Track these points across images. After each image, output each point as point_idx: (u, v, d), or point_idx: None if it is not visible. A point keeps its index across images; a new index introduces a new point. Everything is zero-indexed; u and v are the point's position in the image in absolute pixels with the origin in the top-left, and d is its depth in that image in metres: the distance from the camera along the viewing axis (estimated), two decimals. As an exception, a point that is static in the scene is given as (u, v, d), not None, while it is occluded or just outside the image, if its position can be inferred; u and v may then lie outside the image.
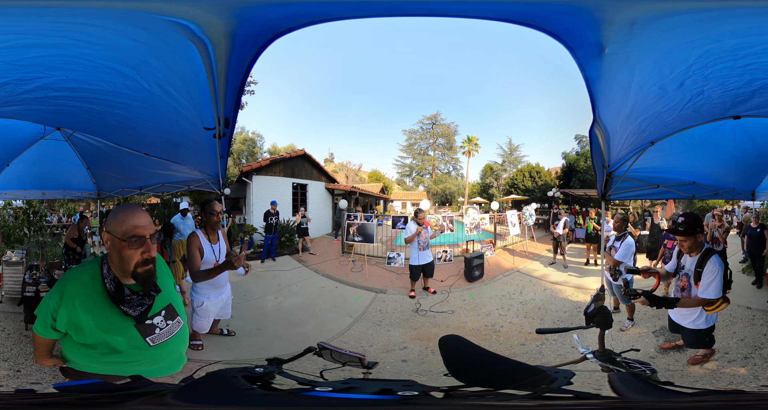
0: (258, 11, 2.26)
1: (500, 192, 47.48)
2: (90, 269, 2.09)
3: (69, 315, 1.98)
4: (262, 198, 16.03)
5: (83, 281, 2.05)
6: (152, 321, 2.15)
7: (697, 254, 3.96)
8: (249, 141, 39.71)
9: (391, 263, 10.60)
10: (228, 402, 1.20)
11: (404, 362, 5.24)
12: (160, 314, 2.20)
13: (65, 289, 2.02)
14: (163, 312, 2.22)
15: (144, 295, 2.09)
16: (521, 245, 15.22)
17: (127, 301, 2.04)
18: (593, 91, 3.08)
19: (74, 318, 1.98)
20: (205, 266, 4.59)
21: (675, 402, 1.22)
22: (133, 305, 2.06)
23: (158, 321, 2.18)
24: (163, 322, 2.20)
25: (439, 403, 1.16)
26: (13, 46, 2.31)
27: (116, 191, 8.03)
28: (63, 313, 1.98)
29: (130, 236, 1.98)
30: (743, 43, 2.31)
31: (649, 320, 6.31)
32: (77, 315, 1.98)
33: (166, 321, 2.21)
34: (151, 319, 2.14)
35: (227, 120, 3.58)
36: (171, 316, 2.25)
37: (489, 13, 2.33)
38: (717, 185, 6.49)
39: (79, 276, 2.07)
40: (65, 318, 1.98)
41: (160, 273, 2.25)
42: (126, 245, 1.98)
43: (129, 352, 2.07)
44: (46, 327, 2.05)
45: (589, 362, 2.35)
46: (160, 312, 2.20)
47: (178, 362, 2.34)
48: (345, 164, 54.31)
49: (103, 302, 2.02)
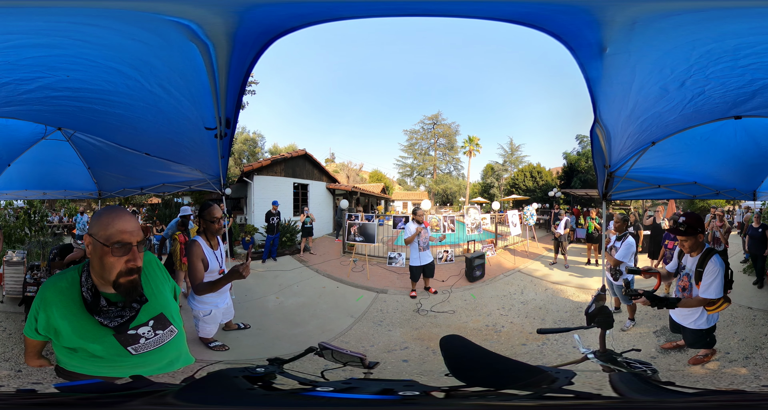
0: (259, 11, 2.26)
1: (501, 192, 47.47)
2: (69, 276, 1.94)
3: (47, 319, 1.89)
4: (263, 198, 16.04)
5: (61, 287, 1.91)
6: (136, 330, 1.97)
7: (698, 254, 3.95)
8: (250, 141, 39.71)
9: (392, 263, 10.60)
10: (229, 402, 1.20)
11: (405, 362, 5.24)
12: (147, 324, 2.01)
13: (44, 295, 1.91)
14: (151, 322, 2.03)
15: (124, 307, 1.91)
16: (522, 245, 15.20)
17: (104, 312, 1.87)
18: (594, 91, 3.08)
19: (52, 322, 1.88)
20: (210, 274, 4.42)
21: (676, 402, 1.22)
22: (110, 317, 1.88)
23: (144, 331, 2.00)
24: (150, 332, 2.02)
25: (440, 403, 1.16)
26: (14, 46, 2.31)
27: (117, 191, 8.04)
28: (42, 318, 1.89)
29: (114, 242, 1.81)
30: (744, 43, 2.31)
31: (650, 320, 6.31)
32: (55, 320, 1.88)
33: (155, 331, 2.04)
34: (135, 329, 1.97)
35: (228, 120, 3.58)
36: (161, 326, 2.07)
37: (490, 14, 2.33)
38: (718, 185, 6.48)
39: (58, 283, 1.93)
40: (44, 322, 1.90)
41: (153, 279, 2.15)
42: (109, 251, 1.80)
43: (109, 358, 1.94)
44: (31, 329, 1.96)
45: (590, 362, 2.35)
46: (147, 322, 2.01)
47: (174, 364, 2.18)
48: (346, 164, 54.39)
49: (79, 311, 1.88)
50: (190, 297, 4.70)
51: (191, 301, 4.69)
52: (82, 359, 1.93)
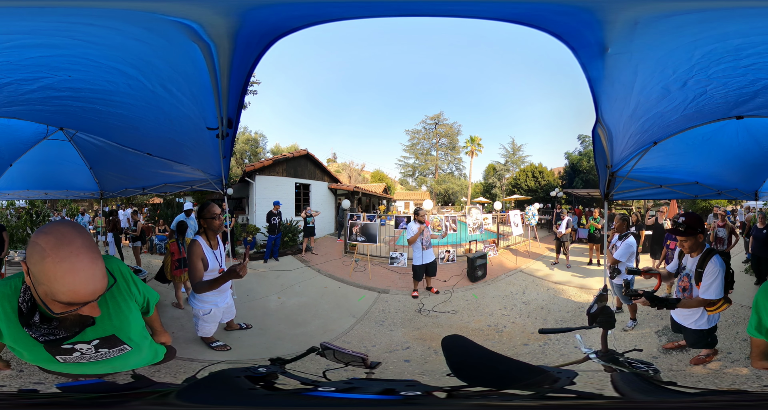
0: (261, 12, 2.26)
1: (503, 192, 47.49)
2: (13, 284, 1.70)
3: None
4: (264, 198, 16.04)
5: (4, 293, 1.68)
6: (73, 346, 1.75)
7: (698, 254, 3.94)
8: (252, 141, 39.76)
9: (394, 263, 10.59)
10: (231, 402, 1.20)
11: (407, 362, 5.23)
12: (89, 343, 1.80)
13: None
14: (95, 341, 1.81)
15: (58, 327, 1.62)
16: (524, 245, 15.18)
17: (36, 328, 1.61)
18: (596, 91, 3.08)
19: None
20: (210, 274, 4.43)
21: (678, 402, 1.22)
22: (42, 333, 1.62)
23: (84, 348, 1.79)
24: (91, 350, 1.81)
25: (442, 403, 1.16)
26: (15, 46, 2.31)
27: (119, 191, 8.06)
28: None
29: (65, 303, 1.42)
30: (746, 43, 2.30)
31: (652, 320, 6.30)
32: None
33: (97, 350, 1.83)
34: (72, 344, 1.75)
35: (230, 120, 3.58)
36: (109, 345, 1.86)
37: (492, 14, 2.33)
38: (720, 185, 6.47)
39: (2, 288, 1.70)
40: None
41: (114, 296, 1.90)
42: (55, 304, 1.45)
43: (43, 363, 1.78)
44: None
45: (591, 362, 2.34)
46: (89, 342, 1.79)
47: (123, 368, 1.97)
48: (348, 164, 54.49)
49: (15, 318, 1.65)
50: (191, 296, 4.72)
51: (191, 300, 4.71)
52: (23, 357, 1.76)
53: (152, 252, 13.16)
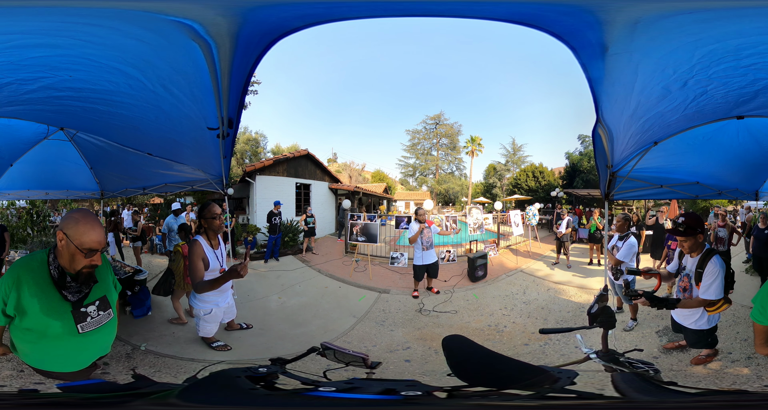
0: (263, 11, 2.26)
1: (503, 192, 47.52)
2: (39, 257, 2.38)
3: (18, 299, 2.24)
4: (265, 198, 16.05)
5: (32, 267, 2.34)
6: (86, 309, 2.44)
7: (698, 254, 3.94)
8: (252, 141, 39.79)
9: (395, 263, 10.60)
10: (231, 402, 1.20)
11: (407, 362, 5.23)
12: (94, 304, 2.49)
13: (18, 273, 2.29)
14: (97, 302, 2.51)
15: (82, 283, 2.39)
16: (524, 245, 15.18)
17: (68, 287, 2.35)
18: (596, 91, 3.07)
19: (23, 301, 2.24)
20: (211, 274, 4.39)
21: (678, 402, 1.22)
22: (72, 291, 2.36)
23: (91, 310, 2.47)
24: (95, 312, 2.49)
25: (442, 403, 1.16)
26: (16, 46, 2.31)
27: (119, 191, 8.06)
28: (13, 298, 2.25)
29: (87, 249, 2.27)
30: (746, 43, 2.30)
31: (653, 320, 6.29)
32: (25, 298, 2.25)
33: (99, 311, 2.51)
34: (85, 307, 2.43)
35: (231, 120, 3.58)
36: (104, 307, 2.55)
37: (492, 14, 2.33)
38: (720, 185, 6.47)
39: (29, 263, 2.36)
40: (14, 302, 2.24)
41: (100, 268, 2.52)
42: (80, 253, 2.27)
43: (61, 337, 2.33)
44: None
45: (592, 362, 2.34)
46: (94, 302, 2.49)
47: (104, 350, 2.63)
48: (348, 163, 54.50)
49: (47, 287, 2.31)
50: (192, 296, 4.71)
51: (192, 300, 4.70)
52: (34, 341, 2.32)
53: (152, 252, 13.16)
